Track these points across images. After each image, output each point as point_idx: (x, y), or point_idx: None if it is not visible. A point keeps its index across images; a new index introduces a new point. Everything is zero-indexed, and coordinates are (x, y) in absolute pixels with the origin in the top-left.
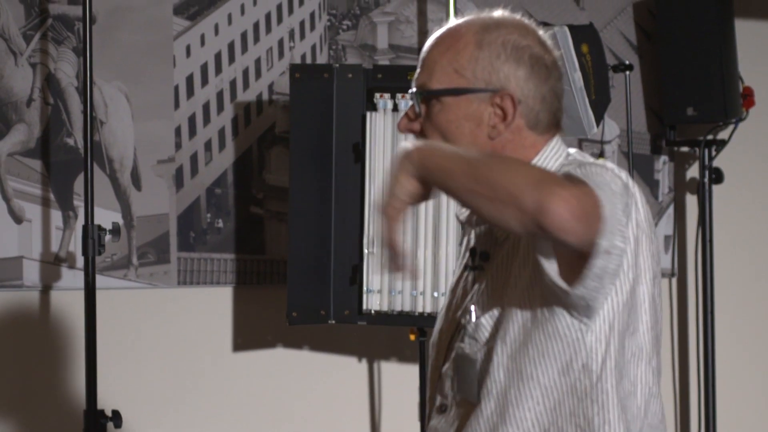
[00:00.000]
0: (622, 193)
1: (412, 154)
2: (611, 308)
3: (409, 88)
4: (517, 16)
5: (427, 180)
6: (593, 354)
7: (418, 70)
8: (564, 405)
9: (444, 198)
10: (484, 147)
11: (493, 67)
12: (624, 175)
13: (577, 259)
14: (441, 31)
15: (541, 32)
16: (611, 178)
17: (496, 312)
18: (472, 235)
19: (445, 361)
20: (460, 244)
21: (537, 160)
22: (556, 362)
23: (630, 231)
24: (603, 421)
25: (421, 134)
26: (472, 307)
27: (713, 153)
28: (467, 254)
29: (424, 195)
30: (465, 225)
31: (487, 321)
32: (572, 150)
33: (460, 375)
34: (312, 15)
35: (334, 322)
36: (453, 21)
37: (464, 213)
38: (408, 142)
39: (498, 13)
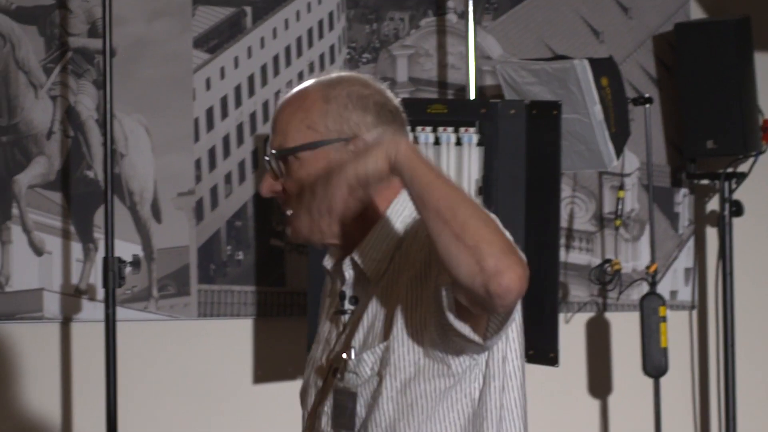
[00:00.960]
0: None
1: (402, 144)
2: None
3: (430, 120)
4: (357, 73)
5: (400, 173)
6: (476, 383)
7: (271, 136)
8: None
9: None
10: None
11: (342, 117)
12: None
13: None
14: (287, 95)
15: (380, 83)
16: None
17: (378, 348)
18: (337, 283)
19: (321, 402)
20: (325, 293)
21: (398, 200)
22: (445, 396)
23: None
24: None
25: (284, 193)
26: (353, 343)
27: (733, 186)
28: (334, 301)
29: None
30: (332, 274)
31: (369, 356)
32: None
33: (338, 409)
34: (332, 48)
35: None
36: (297, 86)
37: (330, 263)
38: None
39: (338, 72)
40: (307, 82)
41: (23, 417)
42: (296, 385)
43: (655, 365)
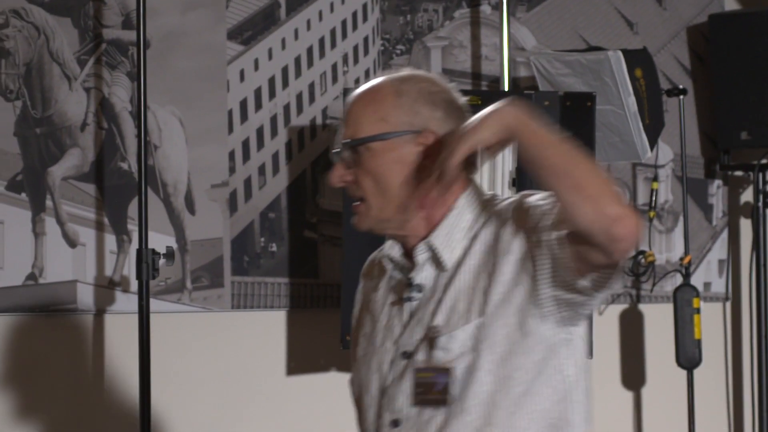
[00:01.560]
0: None
1: (513, 111)
2: None
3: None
4: (425, 72)
5: (514, 138)
6: (571, 360)
7: (342, 129)
8: (546, 407)
9: None
10: (414, 184)
11: (413, 111)
12: None
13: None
14: (358, 90)
15: (448, 82)
16: None
17: (472, 325)
18: (397, 273)
19: (395, 383)
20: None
21: (467, 193)
22: (540, 370)
23: None
24: (574, 420)
25: (354, 183)
26: (435, 323)
27: (767, 177)
28: (394, 289)
29: (495, 148)
30: (397, 262)
31: (461, 334)
32: (489, 193)
33: (423, 387)
34: (366, 39)
35: None
36: (367, 83)
37: (397, 251)
38: (507, 101)
39: (408, 70)
40: (378, 79)
41: (57, 408)
42: (329, 377)
43: (688, 357)
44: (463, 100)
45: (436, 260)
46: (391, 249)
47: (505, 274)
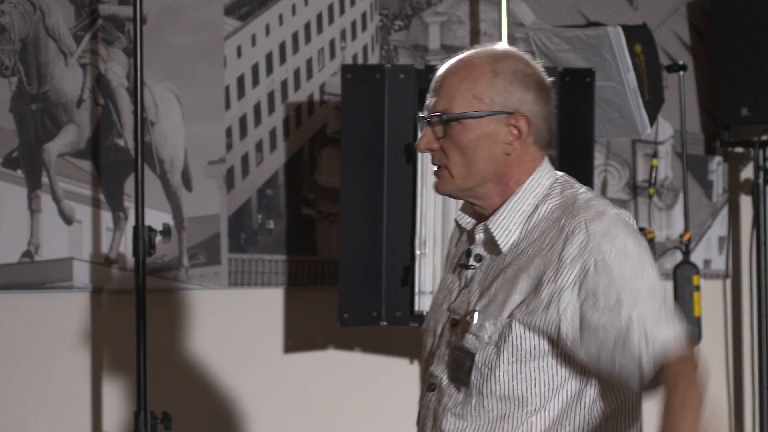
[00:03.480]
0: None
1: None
2: None
3: None
4: (518, 50)
5: None
6: (593, 381)
7: (433, 98)
8: (566, 415)
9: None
10: (499, 161)
11: (507, 92)
12: (633, 225)
13: None
14: (452, 62)
15: (538, 63)
16: (644, 255)
17: (500, 321)
18: (465, 237)
19: (441, 349)
20: (453, 240)
21: (535, 176)
22: (562, 383)
23: None
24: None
25: (440, 151)
26: (477, 307)
27: (767, 153)
28: (459, 253)
29: None
30: (463, 228)
31: (491, 326)
32: (558, 173)
33: (456, 365)
34: (363, 15)
35: (385, 323)
36: (462, 54)
37: (467, 220)
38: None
39: (501, 45)
40: (473, 53)
41: (53, 386)
42: (327, 354)
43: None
44: (550, 80)
45: (492, 242)
46: (462, 219)
47: (542, 300)
